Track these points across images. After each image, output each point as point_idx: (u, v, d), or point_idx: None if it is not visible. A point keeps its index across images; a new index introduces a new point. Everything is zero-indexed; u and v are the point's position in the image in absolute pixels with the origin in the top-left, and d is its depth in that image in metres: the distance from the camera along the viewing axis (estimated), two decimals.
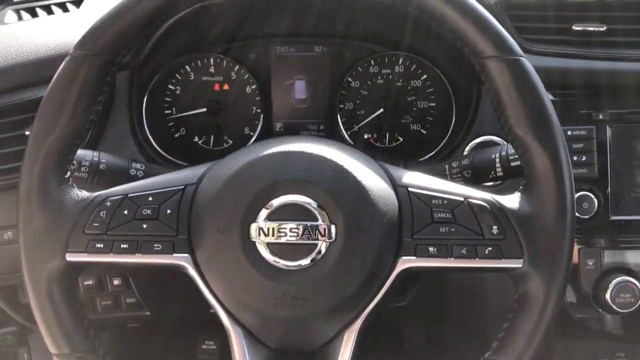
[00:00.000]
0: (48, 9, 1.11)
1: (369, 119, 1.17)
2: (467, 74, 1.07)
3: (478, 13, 0.71)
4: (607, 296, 0.98)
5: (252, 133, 1.17)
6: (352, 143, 1.16)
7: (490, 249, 0.71)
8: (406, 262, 0.73)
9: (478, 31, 0.71)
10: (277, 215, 0.70)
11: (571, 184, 0.71)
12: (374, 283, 0.72)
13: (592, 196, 0.98)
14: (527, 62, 0.72)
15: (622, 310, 0.98)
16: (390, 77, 1.17)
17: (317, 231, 0.69)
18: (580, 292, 1.01)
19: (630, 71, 0.99)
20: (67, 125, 0.71)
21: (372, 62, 1.17)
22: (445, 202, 0.73)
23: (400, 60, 1.17)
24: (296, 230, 0.69)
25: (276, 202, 0.70)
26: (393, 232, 0.72)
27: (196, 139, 1.17)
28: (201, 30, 1.09)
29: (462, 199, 0.73)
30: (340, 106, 1.17)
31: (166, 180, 0.76)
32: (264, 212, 0.70)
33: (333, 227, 0.70)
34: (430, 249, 0.72)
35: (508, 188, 0.80)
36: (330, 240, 0.70)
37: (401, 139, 1.18)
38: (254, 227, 0.70)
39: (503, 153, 0.88)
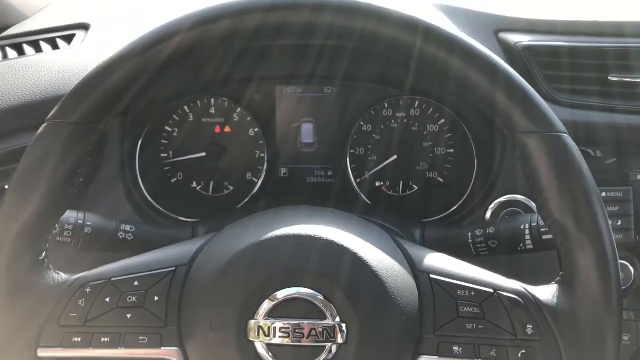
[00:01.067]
0: (36, 46, 1.01)
1: (382, 165, 1.08)
2: (489, 124, 0.98)
3: (514, 80, 0.62)
4: None
5: (255, 179, 1.08)
6: (361, 193, 1.07)
7: (524, 351, 0.62)
8: None
9: (515, 102, 0.62)
10: (280, 311, 0.61)
11: (618, 281, 0.62)
12: None
13: (629, 265, 0.89)
14: (570, 140, 0.63)
15: None
16: (405, 121, 1.08)
17: (326, 332, 0.60)
18: None
19: None
20: (43, 204, 0.62)
21: (386, 105, 1.08)
22: (472, 293, 0.64)
23: (417, 103, 1.08)
24: (301, 331, 0.60)
25: (279, 296, 0.61)
26: (413, 328, 0.63)
27: (194, 184, 1.08)
28: (201, 73, 1.00)
29: (491, 290, 0.64)
30: (351, 151, 1.08)
31: (155, 261, 0.67)
32: (264, 307, 0.61)
33: (345, 327, 0.60)
34: (455, 348, 0.63)
35: (542, 277, 0.70)
36: (342, 342, 0.60)
37: (416, 187, 1.09)
38: (252, 325, 0.61)
39: (534, 224, 0.79)
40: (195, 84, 1.02)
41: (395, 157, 1.07)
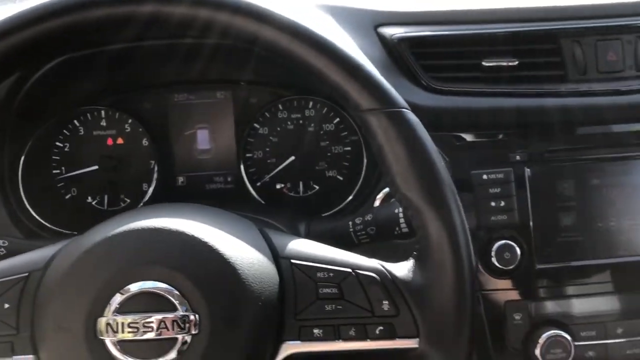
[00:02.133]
0: None
1: (280, 167, 1.08)
2: None
3: (351, 61, 0.63)
4: (537, 352, 0.90)
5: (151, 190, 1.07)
6: (256, 195, 1.07)
7: (381, 327, 0.62)
8: (290, 348, 0.63)
9: (352, 82, 0.63)
10: (130, 306, 0.59)
11: (468, 250, 0.62)
12: None
13: (515, 245, 0.90)
14: (411, 115, 0.64)
15: None
16: (301, 121, 1.09)
17: (176, 324, 0.59)
18: (509, 349, 0.92)
19: (545, 107, 0.92)
20: None
21: (281, 106, 1.08)
22: (331, 274, 0.64)
23: (310, 104, 1.09)
24: (150, 324, 0.59)
25: (128, 290, 0.60)
26: (273, 314, 0.63)
27: (89, 199, 1.06)
28: (85, 84, 0.99)
29: (350, 270, 0.64)
30: (248, 155, 1.08)
31: (7, 267, 0.65)
32: (114, 303, 0.60)
33: (196, 318, 0.59)
34: (315, 331, 0.63)
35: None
36: (194, 333, 0.59)
37: (317, 187, 1.09)
38: (102, 322, 0.59)
39: None
40: (79, 94, 1.01)
41: (293, 158, 1.07)
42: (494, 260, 0.90)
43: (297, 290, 0.64)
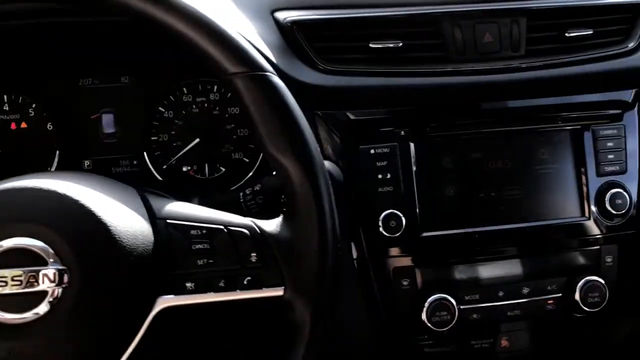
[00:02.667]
0: None
1: (184, 150, 1.11)
2: None
3: (216, 28, 0.67)
4: (424, 316, 0.95)
5: None
6: (160, 178, 1.09)
7: (249, 278, 0.66)
8: (165, 302, 0.66)
9: (217, 47, 0.67)
10: (2, 262, 0.62)
11: (331, 204, 0.67)
12: (126, 329, 0.65)
13: (400, 214, 0.95)
14: (275, 78, 0.68)
15: (439, 329, 0.95)
16: (206, 105, 1.12)
17: (45, 277, 0.61)
18: (399, 313, 0.97)
19: (429, 85, 0.98)
20: None
21: (185, 90, 1.11)
22: (204, 231, 0.68)
23: (215, 87, 1.12)
24: (19, 278, 0.61)
25: (0, 247, 0.62)
26: (147, 270, 0.66)
27: None
28: None
29: (222, 226, 0.68)
30: (154, 138, 1.10)
31: None
32: None
33: (67, 271, 0.62)
34: (187, 284, 0.66)
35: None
36: (65, 286, 0.62)
37: (223, 169, 1.12)
38: None
39: None
40: None
41: (198, 140, 1.10)
42: (381, 229, 0.95)
43: (171, 247, 0.67)
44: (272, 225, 0.68)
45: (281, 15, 1.00)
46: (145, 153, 1.09)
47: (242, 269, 0.66)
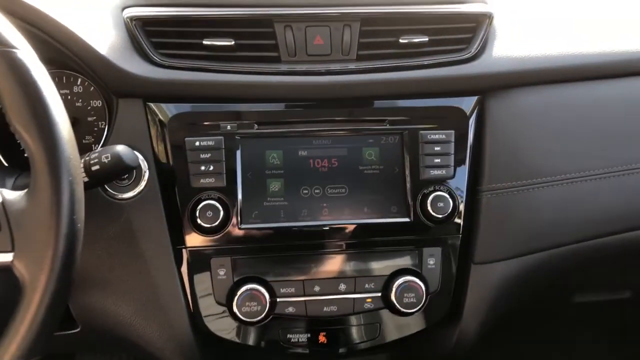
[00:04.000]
0: None
1: None
2: None
3: None
4: (234, 306, 0.98)
5: None
6: (6, 165, 1.13)
7: None
8: None
9: None
10: None
11: (70, 182, 0.70)
12: None
13: (218, 205, 0.98)
14: (24, 54, 0.72)
15: (249, 320, 0.98)
16: (69, 97, 1.16)
17: None
18: (215, 302, 1.00)
19: (259, 83, 1.01)
20: None
21: None
22: None
23: (79, 80, 1.16)
24: None
25: None
26: None
27: None
28: None
29: None
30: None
31: None
32: None
33: None
34: None
35: None
36: None
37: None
38: None
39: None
40: None
41: None
42: (198, 219, 0.98)
43: None
44: (15, 194, 0.72)
45: (126, 12, 1.04)
46: None
47: None
